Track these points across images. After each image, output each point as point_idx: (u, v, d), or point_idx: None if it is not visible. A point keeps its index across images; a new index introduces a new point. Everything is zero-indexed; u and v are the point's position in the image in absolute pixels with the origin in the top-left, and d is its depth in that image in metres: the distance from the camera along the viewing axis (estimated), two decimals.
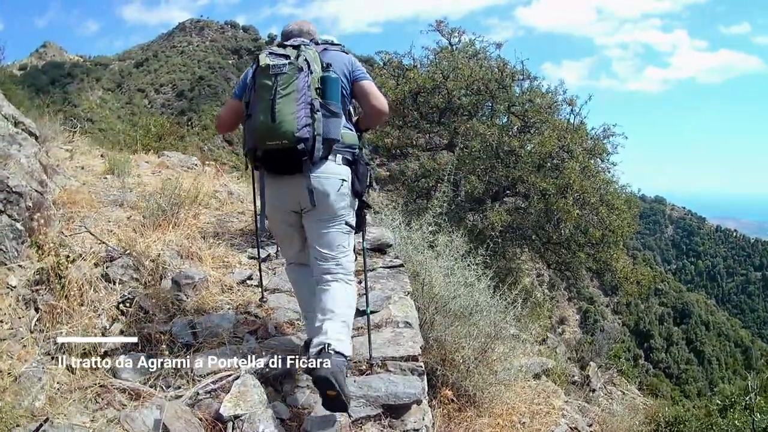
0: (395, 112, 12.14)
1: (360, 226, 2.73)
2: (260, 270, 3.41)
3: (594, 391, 8.25)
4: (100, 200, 4.45)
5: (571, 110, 11.41)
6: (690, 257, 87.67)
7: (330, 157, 2.49)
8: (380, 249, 4.87)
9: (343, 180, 2.54)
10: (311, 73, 2.46)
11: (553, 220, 10.40)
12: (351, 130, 2.64)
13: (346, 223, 2.59)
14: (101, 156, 6.29)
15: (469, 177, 10.48)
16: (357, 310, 2.59)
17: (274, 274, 3.86)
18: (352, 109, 2.76)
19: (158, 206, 4.05)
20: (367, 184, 2.71)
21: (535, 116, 11.05)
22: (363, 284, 2.89)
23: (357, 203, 2.66)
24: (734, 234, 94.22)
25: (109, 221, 3.94)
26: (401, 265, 4.35)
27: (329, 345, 2.25)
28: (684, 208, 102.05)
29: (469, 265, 4.66)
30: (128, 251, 3.38)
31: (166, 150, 8.28)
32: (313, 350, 2.29)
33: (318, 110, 2.41)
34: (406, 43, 56.73)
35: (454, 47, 12.61)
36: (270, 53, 2.51)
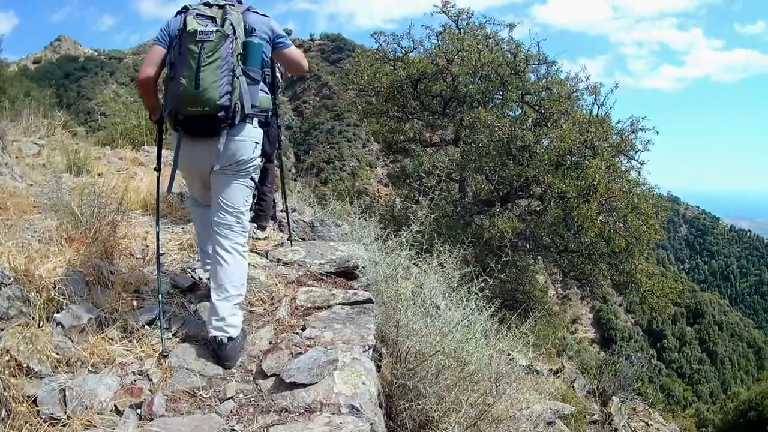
0: (393, 101, 10.83)
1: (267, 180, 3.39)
2: (158, 254, 3.04)
3: (616, 430, 7.09)
4: (37, 204, 4.10)
5: (595, 100, 9.91)
6: (703, 257, 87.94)
7: (247, 120, 2.66)
8: (346, 273, 4.09)
9: (257, 143, 2.77)
10: (236, 38, 2.56)
11: (572, 227, 9.01)
12: (266, 93, 2.86)
13: (251, 179, 2.83)
14: (75, 151, 6.18)
15: (476, 176, 9.04)
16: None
17: (194, 312, 3.13)
18: (279, 76, 3.06)
19: (73, 215, 3.40)
20: (277, 146, 3.14)
21: (553, 106, 9.51)
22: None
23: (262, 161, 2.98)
24: (748, 234, 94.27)
25: (35, 232, 3.44)
26: (368, 301, 3.58)
27: (224, 336, 2.64)
28: (698, 207, 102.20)
29: (462, 298, 4.15)
30: (19, 277, 2.72)
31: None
32: (210, 330, 2.66)
33: (239, 76, 2.55)
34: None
35: (462, 31, 11.09)
36: (198, 15, 2.57)
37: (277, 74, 3.18)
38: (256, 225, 4.77)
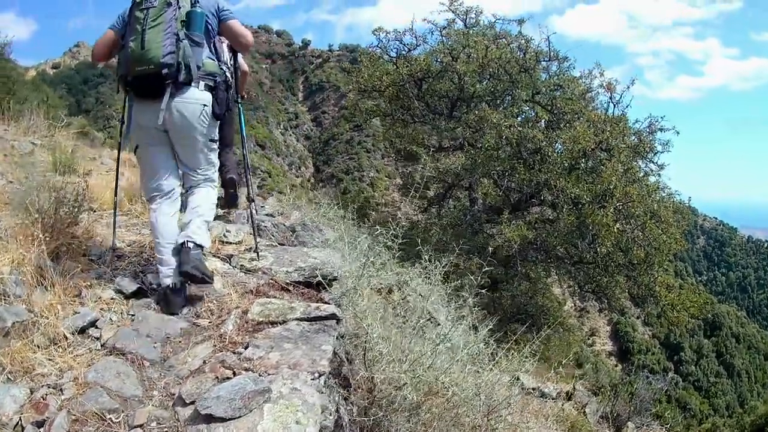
0: (396, 102, 10.27)
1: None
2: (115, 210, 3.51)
3: None
4: (9, 201, 3.95)
5: (610, 98, 9.17)
6: (721, 268, 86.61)
7: (193, 83, 2.87)
8: (318, 283, 3.50)
9: (204, 105, 2.95)
10: (179, 8, 2.83)
11: (587, 235, 8.29)
12: (213, 59, 3.03)
13: (211, 140, 3.10)
14: (71, 151, 6.23)
15: (483, 180, 8.39)
16: None
17: (132, 319, 2.89)
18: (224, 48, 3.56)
19: (27, 210, 3.24)
20: (226, 107, 3.15)
21: (566, 106, 8.84)
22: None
23: (217, 123, 3.11)
24: (765, 245, 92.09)
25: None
26: (331, 317, 3.09)
27: (189, 240, 2.94)
28: (715, 218, 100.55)
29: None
30: None
31: None
32: (179, 240, 2.97)
33: (182, 39, 2.80)
34: None
35: (471, 29, 10.43)
36: None
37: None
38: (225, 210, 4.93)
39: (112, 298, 3.03)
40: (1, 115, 8.11)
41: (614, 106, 8.94)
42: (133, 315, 2.95)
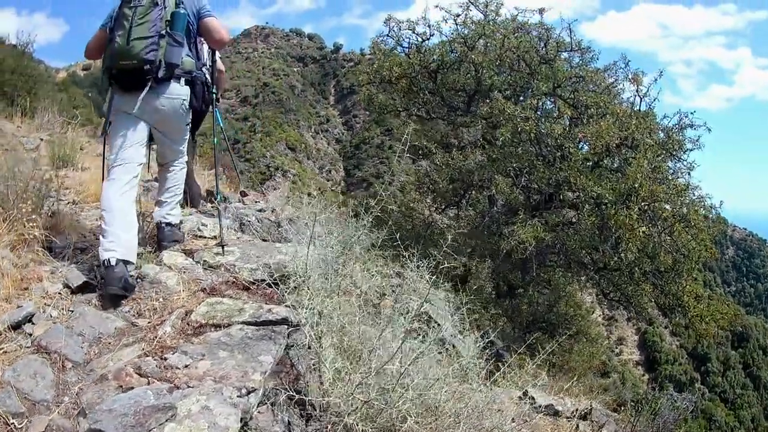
0: (409, 97, 9.78)
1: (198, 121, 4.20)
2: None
3: None
4: None
5: (636, 90, 8.35)
6: (750, 279, 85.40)
7: (173, 80, 3.14)
8: (285, 282, 3.04)
9: (184, 99, 3.24)
10: (165, 8, 3.02)
11: (610, 239, 7.63)
12: (191, 57, 3.25)
13: (186, 125, 3.47)
14: (79, 147, 6.48)
15: (497, 178, 7.83)
16: None
17: (68, 318, 2.68)
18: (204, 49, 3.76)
19: None
20: (202, 100, 3.59)
21: (588, 99, 8.18)
22: None
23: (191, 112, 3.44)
24: None
25: None
26: (282, 322, 2.78)
27: (164, 220, 3.52)
28: (745, 229, 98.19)
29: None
30: None
31: None
32: (156, 218, 3.55)
33: (165, 38, 3.01)
34: None
35: (489, 20, 9.83)
36: None
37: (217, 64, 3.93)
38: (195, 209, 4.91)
39: (58, 293, 2.88)
40: (20, 113, 8.22)
41: (640, 99, 8.22)
42: (73, 311, 2.76)
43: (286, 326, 2.63)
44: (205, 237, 4.14)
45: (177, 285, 3.16)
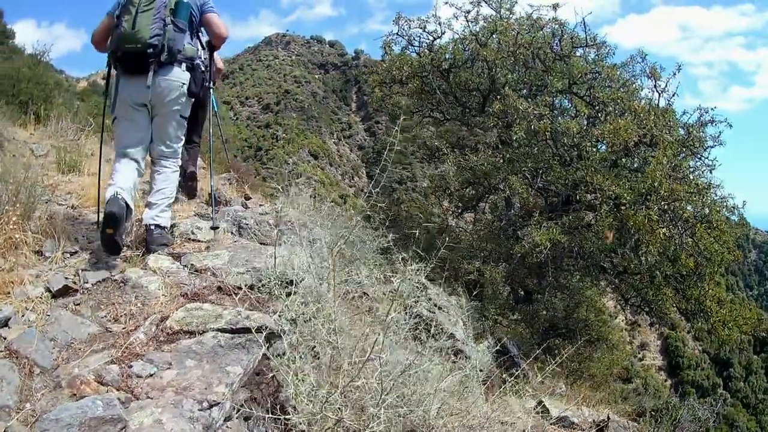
0: (421, 97, 9.53)
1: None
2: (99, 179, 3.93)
3: None
4: None
5: (654, 86, 8.00)
6: None
7: (175, 64, 3.30)
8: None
9: (183, 84, 3.38)
10: None
11: (629, 241, 7.26)
12: (192, 45, 3.44)
13: (181, 116, 3.54)
14: (91, 154, 6.39)
15: (510, 179, 7.53)
16: None
17: (45, 323, 2.59)
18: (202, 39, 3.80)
19: None
20: (201, 86, 3.65)
21: (605, 95, 7.83)
22: None
23: (191, 102, 3.59)
24: None
25: None
26: (259, 330, 2.58)
27: (153, 223, 3.42)
28: (767, 232, 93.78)
29: None
30: None
31: None
32: (145, 221, 3.46)
33: (168, 25, 3.20)
34: None
35: (502, 16, 9.54)
36: None
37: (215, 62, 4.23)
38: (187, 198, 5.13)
39: (39, 297, 2.80)
40: (35, 120, 8.32)
41: (659, 95, 7.85)
42: (50, 315, 2.67)
43: (261, 335, 2.47)
44: (199, 241, 4.04)
45: (159, 289, 3.05)
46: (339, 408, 2.05)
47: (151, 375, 2.20)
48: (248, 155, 59.49)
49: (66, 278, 2.99)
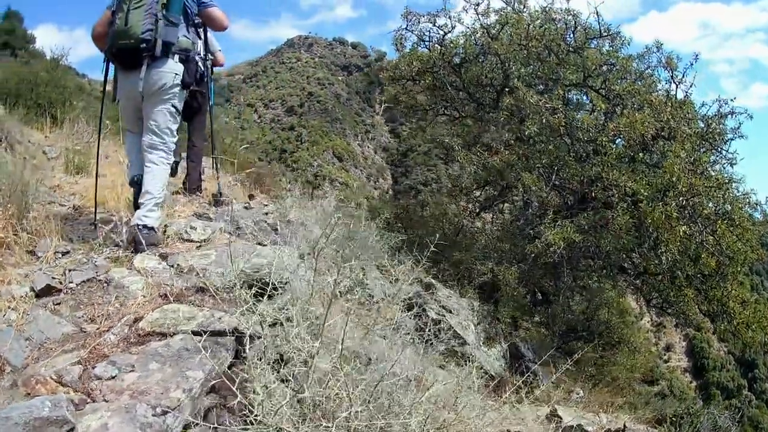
0: (433, 93, 9.30)
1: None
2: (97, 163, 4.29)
3: None
4: None
5: (671, 77, 7.57)
6: None
7: (169, 56, 3.42)
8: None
9: (176, 74, 3.48)
10: None
11: (648, 240, 6.93)
12: (188, 38, 3.61)
13: (173, 106, 3.56)
14: (105, 157, 6.43)
15: (523, 175, 7.27)
16: None
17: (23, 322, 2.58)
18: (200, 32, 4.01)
19: None
20: (196, 78, 3.79)
21: (620, 87, 7.49)
22: None
23: (186, 93, 3.71)
24: None
25: None
26: (232, 332, 2.55)
27: (140, 223, 3.40)
28: None
29: None
30: None
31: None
32: (133, 221, 3.47)
33: (160, 20, 3.30)
34: None
35: (513, 9, 9.26)
36: None
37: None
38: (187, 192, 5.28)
39: (23, 296, 2.80)
40: (52, 123, 8.46)
41: (676, 86, 7.48)
42: (29, 314, 2.67)
43: (231, 338, 2.37)
44: (193, 241, 3.98)
45: (140, 290, 3.00)
46: (296, 420, 1.92)
47: (113, 377, 2.13)
48: (272, 157, 60.04)
49: (53, 278, 2.99)
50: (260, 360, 2.12)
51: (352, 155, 72.83)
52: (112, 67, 3.65)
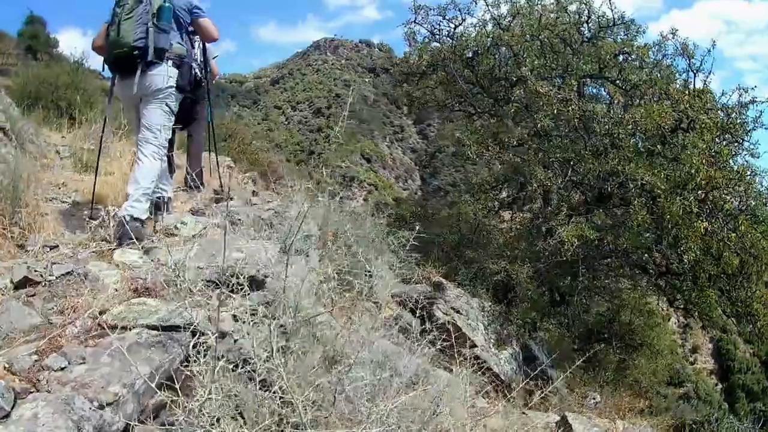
0: (447, 88, 9.06)
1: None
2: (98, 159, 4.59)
3: None
4: None
5: (689, 65, 7.22)
6: None
7: (163, 62, 3.63)
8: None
9: (170, 77, 3.69)
10: (150, 4, 3.54)
11: (667, 237, 6.56)
12: (181, 45, 3.81)
13: (167, 105, 3.74)
14: (119, 155, 6.52)
15: (535, 170, 6.98)
16: None
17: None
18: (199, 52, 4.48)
19: None
20: (189, 81, 3.99)
21: (636, 76, 7.13)
22: None
23: (180, 96, 3.87)
24: None
25: None
26: (188, 327, 2.42)
27: (128, 213, 3.48)
28: None
29: None
30: None
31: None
32: (120, 212, 3.56)
33: (150, 28, 3.53)
34: None
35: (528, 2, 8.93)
36: None
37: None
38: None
39: (1, 288, 2.83)
40: (71, 124, 8.61)
41: (694, 74, 7.07)
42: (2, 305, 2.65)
43: (184, 333, 2.28)
44: (181, 236, 3.95)
45: (114, 284, 2.96)
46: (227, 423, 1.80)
47: (63, 368, 2.09)
48: (300, 159, 60.44)
49: (35, 271, 2.97)
50: (208, 357, 2.02)
51: (381, 156, 72.77)
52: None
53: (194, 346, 2.37)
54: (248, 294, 2.76)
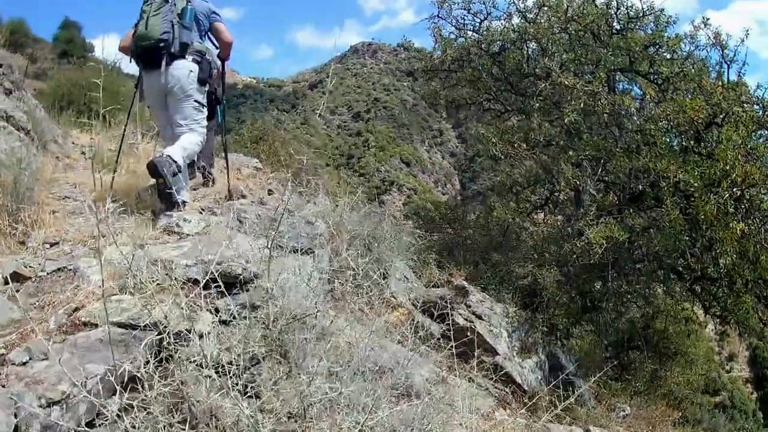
0: (475, 87, 8.81)
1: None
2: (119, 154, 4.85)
3: None
4: None
5: (722, 56, 6.85)
6: None
7: (186, 55, 3.96)
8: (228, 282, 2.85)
9: (191, 71, 4.01)
10: (175, 4, 3.92)
11: (702, 239, 6.10)
12: (201, 43, 4.17)
13: (195, 101, 4.07)
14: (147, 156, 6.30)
15: (563, 167, 6.64)
16: None
17: None
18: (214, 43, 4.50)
19: None
20: (209, 74, 4.23)
21: (668, 69, 6.69)
22: None
23: (205, 90, 4.18)
24: None
25: None
26: (153, 326, 2.39)
27: (164, 153, 3.76)
28: None
29: None
30: None
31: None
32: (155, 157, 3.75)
33: (175, 25, 3.89)
34: None
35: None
36: None
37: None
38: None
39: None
40: (102, 126, 8.85)
41: (728, 66, 6.59)
42: None
43: (142, 332, 2.20)
44: (183, 233, 3.90)
45: (100, 279, 2.92)
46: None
47: (24, 363, 2.08)
48: (340, 163, 60.86)
49: (28, 266, 3.00)
50: (158, 360, 1.92)
51: (420, 161, 72.57)
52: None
53: (161, 346, 2.31)
54: (226, 294, 2.68)
